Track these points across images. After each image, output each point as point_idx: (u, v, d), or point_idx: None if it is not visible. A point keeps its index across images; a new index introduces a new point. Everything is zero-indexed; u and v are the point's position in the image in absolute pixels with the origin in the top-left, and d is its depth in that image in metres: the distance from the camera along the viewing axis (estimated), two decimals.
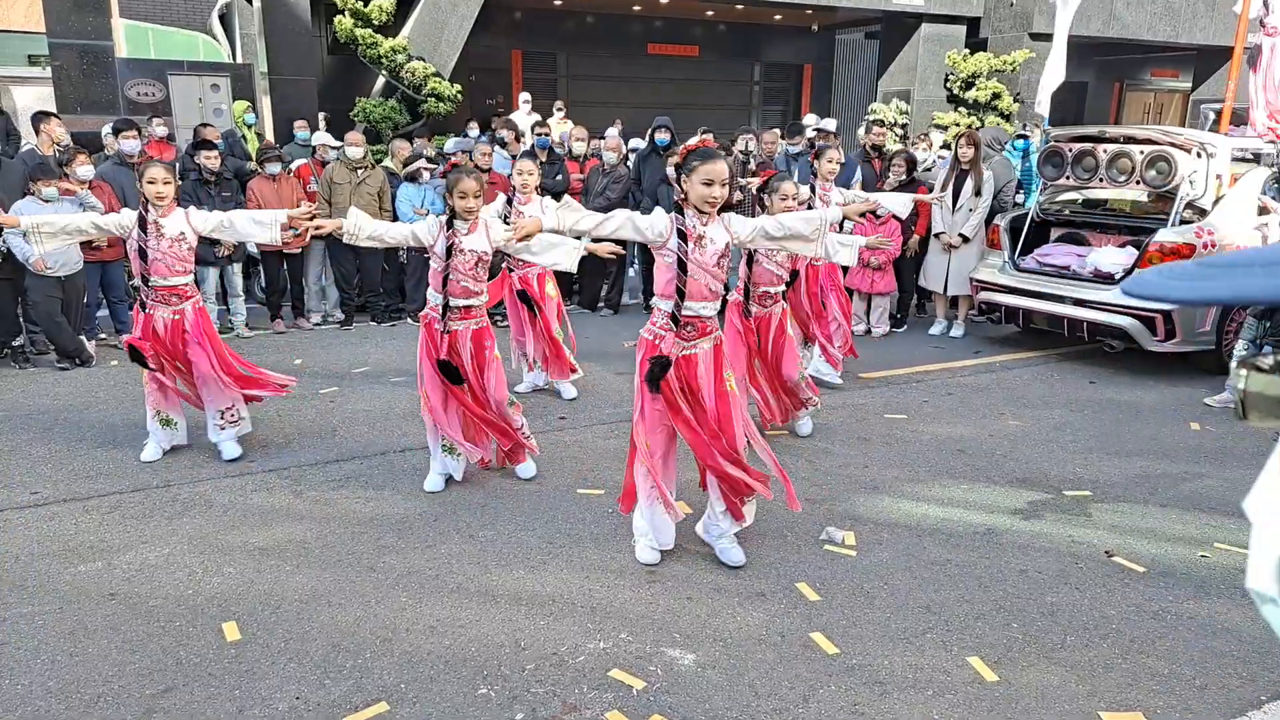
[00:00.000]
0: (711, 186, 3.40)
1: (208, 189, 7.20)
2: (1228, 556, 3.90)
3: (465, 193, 4.18)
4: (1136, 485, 4.69)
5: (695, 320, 3.54)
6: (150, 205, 4.51)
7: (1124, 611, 3.44)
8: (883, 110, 16.07)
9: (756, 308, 4.92)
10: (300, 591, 3.49)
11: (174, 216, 4.57)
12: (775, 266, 4.88)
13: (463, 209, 4.20)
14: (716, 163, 3.41)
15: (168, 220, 4.54)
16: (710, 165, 3.40)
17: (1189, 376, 6.63)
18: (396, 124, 12.51)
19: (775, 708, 2.82)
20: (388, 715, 2.77)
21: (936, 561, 3.82)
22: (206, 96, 11.52)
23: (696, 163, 3.41)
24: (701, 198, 3.42)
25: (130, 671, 2.96)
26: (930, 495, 4.52)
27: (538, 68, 18.71)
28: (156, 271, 4.56)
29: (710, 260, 3.50)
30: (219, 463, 4.81)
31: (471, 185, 4.19)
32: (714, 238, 3.51)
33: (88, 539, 3.92)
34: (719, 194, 3.42)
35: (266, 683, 2.92)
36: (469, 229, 4.25)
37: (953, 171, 7.73)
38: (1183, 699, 2.91)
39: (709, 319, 3.58)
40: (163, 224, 4.52)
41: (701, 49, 19.75)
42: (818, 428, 5.49)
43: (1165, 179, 6.76)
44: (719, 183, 3.40)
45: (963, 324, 8.07)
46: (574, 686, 2.92)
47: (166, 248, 4.54)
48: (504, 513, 4.25)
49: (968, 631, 3.28)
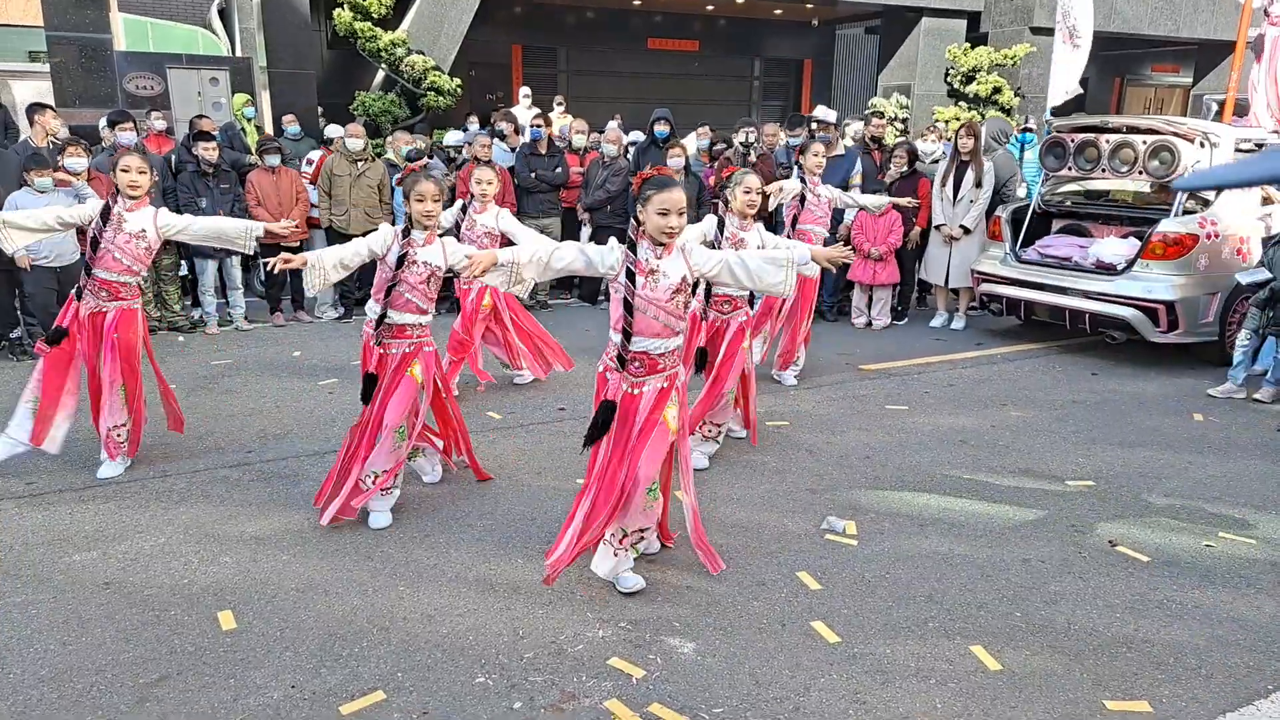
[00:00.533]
0: (668, 216, 3.18)
1: (205, 181, 7.16)
2: (1232, 546, 3.86)
3: (423, 195, 3.87)
4: (1140, 475, 4.66)
5: (643, 357, 3.29)
6: (120, 195, 4.30)
7: (1128, 601, 3.41)
8: (883, 105, 16.02)
9: (714, 313, 4.67)
10: (297, 581, 3.46)
11: (142, 213, 4.34)
12: None
13: (420, 213, 3.89)
14: (672, 191, 3.19)
15: (133, 215, 4.32)
16: (665, 194, 3.17)
17: (1192, 368, 6.59)
18: (396, 118, 12.47)
19: (776, 696, 2.79)
20: (385, 704, 2.74)
21: (938, 551, 3.79)
22: (205, 90, 11.47)
23: (651, 191, 3.19)
24: (658, 228, 3.19)
25: (124, 660, 2.93)
26: (932, 485, 4.48)
27: (538, 62, 18.65)
28: (103, 263, 4.30)
29: (663, 295, 3.24)
30: (215, 452, 4.78)
31: (430, 188, 3.90)
32: (668, 271, 3.25)
33: (83, 528, 3.89)
34: (676, 224, 3.20)
35: (262, 671, 2.89)
36: (425, 240, 3.94)
37: (953, 163, 7.70)
38: (1188, 688, 2.88)
39: (661, 356, 3.30)
40: (126, 217, 4.30)
41: (701, 44, 19.69)
42: (820, 418, 5.47)
43: (1168, 169, 6.71)
44: (675, 212, 3.18)
45: (964, 316, 8.04)
46: (573, 675, 2.89)
47: (123, 242, 4.29)
48: (503, 503, 4.22)
49: (970, 620, 3.25)
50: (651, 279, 3.23)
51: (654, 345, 3.28)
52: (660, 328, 3.28)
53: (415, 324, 3.99)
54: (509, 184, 7.87)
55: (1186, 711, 2.76)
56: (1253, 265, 6.38)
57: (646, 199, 3.20)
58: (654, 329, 3.27)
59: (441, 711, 2.70)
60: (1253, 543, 3.89)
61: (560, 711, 2.71)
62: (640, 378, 3.31)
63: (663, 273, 3.25)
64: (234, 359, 6.70)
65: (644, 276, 3.23)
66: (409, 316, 3.96)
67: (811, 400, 5.84)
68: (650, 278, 3.23)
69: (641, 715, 2.69)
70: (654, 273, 3.23)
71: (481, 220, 5.57)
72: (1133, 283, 6.47)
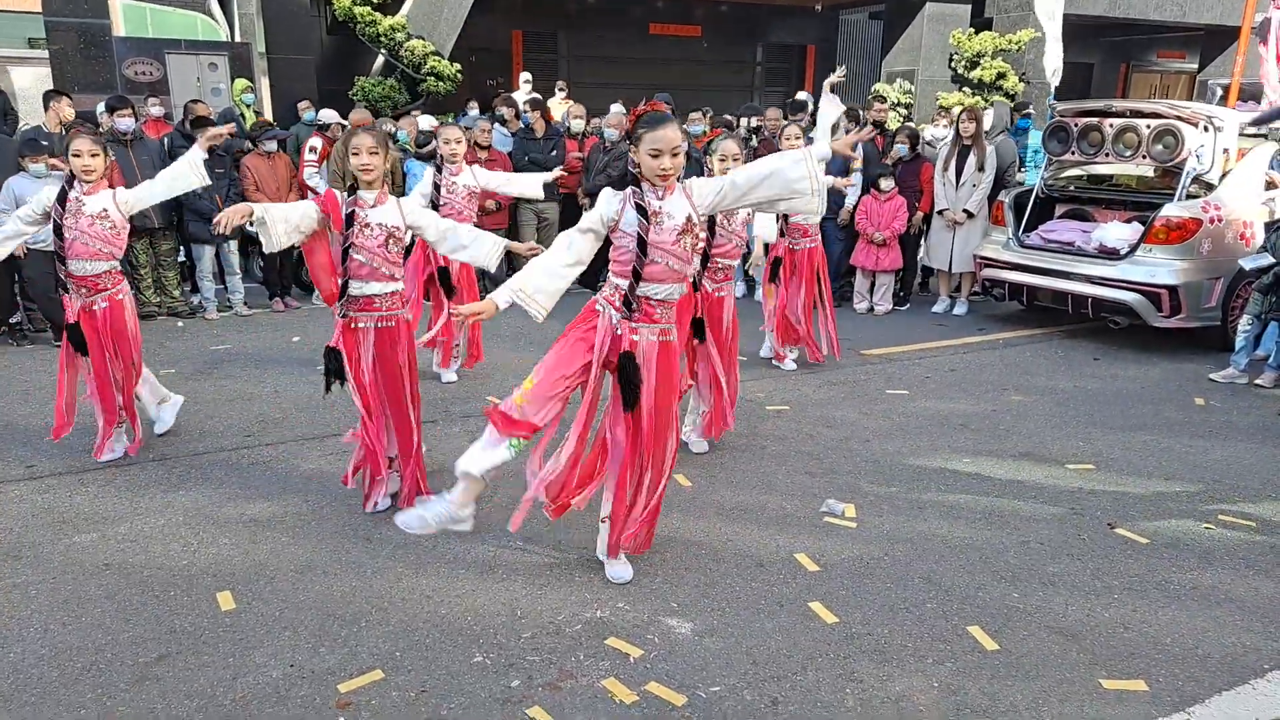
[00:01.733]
0: (660, 158, 2.98)
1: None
2: (1231, 529, 3.86)
3: (359, 149, 3.57)
4: (1140, 458, 4.65)
5: (643, 302, 3.12)
6: (76, 180, 4.14)
7: (1126, 582, 3.41)
8: (887, 91, 15.94)
9: (709, 282, 4.50)
10: (296, 562, 3.47)
11: (101, 195, 4.18)
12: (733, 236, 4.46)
13: (357, 167, 3.58)
14: (664, 128, 2.97)
15: (91, 198, 4.15)
16: (656, 133, 2.97)
17: (1194, 353, 6.57)
18: (396, 103, 12.43)
19: (773, 675, 2.80)
20: (383, 683, 2.75)
21: (937, 533, 3.79)
22: (204, 75, 11.43)
23: (642, 130, 3.00)
24: (651, 170, 3.01)
25: (124, 640, 2.94)
26: (932, 468, 4.48)
27: (538, 48, 18.55)
28: (74, 253, 4.16)
29: (669, 238, 3.06)
30: (215, 436, 4.78)
31: (366, 140, 3.59)
32: (672, 212, 3.06)
33: (83, 511, 3.89)
34: (669, 165, 2.99)
35: (261, 651, 2.89)
36: (376, 200, 3.66)
37: (955, 148, 7.66)
38: (1185, 668, 2.88)
39: (659, 304, 3.14)
40: (85, 200, 4.14)
41: (703, 29, 19.58)
42: (820, 403, 5.46)
43: (1172, 153, 6.68)
44: (668, 152, 2.97)
45: (966, 302, 8.02)
46: (570, 654, 2.89)
47: (86, 225, 4.13)
48: (502, 485, 4.20)
49: (968, 601, 3.25)
50: (655, 221, 3.05)
51: (658, 291, 3.11)
52: (667, 271, 3.10)
53: (382, 294, 3.72)
54: (509, 169, 7.84)
55: (1183, 690, 2.76)
56: (1255, 250, 6.35)
57: (638, 139, 3.01)
58: (659, 273, 3.09)
59: (439, 690, 2.71)
60: (1251, 525, 3.89)
61: (558, 690, 2.72)
62: (637, 323, 3.14)
63: (666, 214, 3.06)
64: (233, 344, 6.70)
65: (652, 218, 3.05)
66: (375, 286, 3.69)
67: (812, 385, 5.84)
68: (654, 220, 3.05)
69: (639, 694, 2.70)
70: (657, 214, 3.05)
71: (461, 181, 5.55)
72: (1135, 267, 6.44)
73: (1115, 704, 2.69)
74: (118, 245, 4.28)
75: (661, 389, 3.21)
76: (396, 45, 12.43)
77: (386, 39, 12.39)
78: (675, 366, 3.29)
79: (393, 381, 3.80)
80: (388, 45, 12.47)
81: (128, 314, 4.37)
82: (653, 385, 3.19)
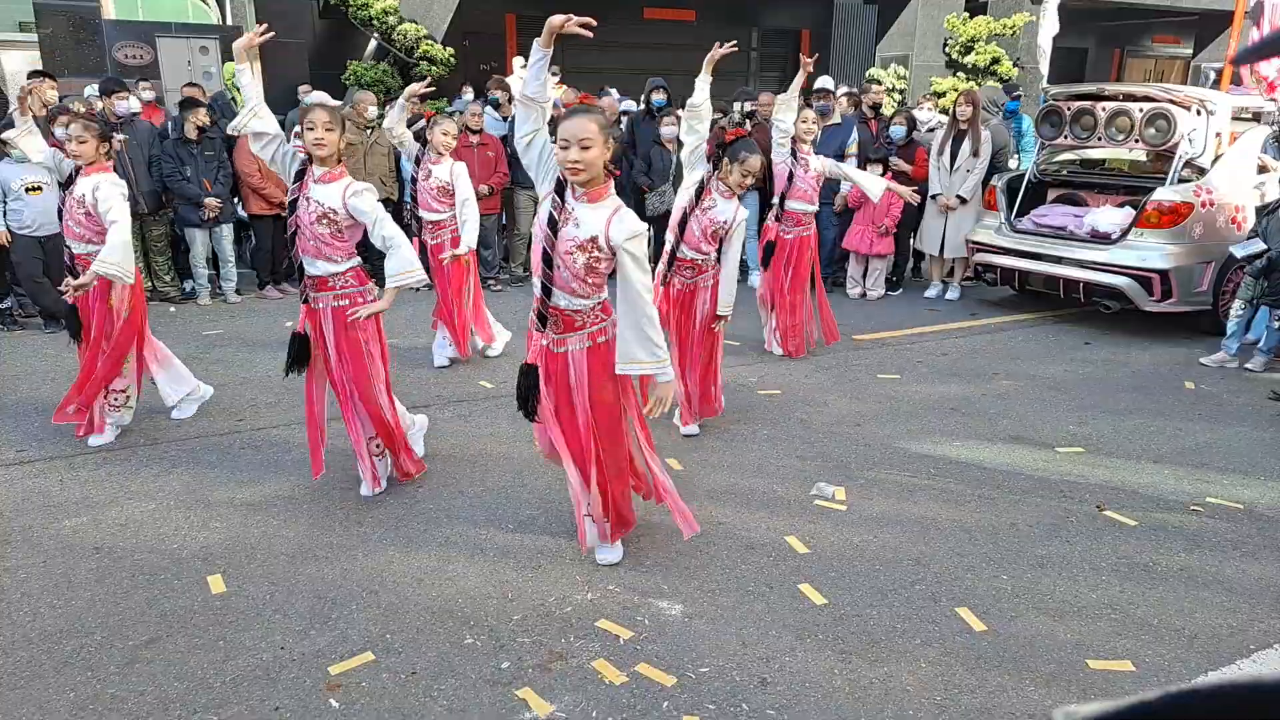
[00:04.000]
0: (568, 150, 2.77)
1: (189, 149, 7.08)
2: (1219, 511, 3.88)
3: (314, 123, 3.45)
4: (1130, 442, 4.67)
5: (558, 313, 2.99)
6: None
7: (1114, 564, 3.42)
8: (881, 75, 15.88)
9: (679, 279, 4.44)
10: (287, 545, 3.47)
11: (90, 178, 4.18)
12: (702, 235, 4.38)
13: (310, 142, 3.47)
14: (574, 119, 2.78)
15: (82, 180, 4.20)
16: (565, 123, 2.78)
17: (1184, 337, 6.59)
18: (388, 88, 12.34)
19: (762, 656, 2.81)
20: (373, 664, 2.76)
21: (927, 516, 3.80)
22: (195, 59, 11.34)
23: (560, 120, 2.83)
24: (560, 162, 2.83)
25: (114, 623, 2.95)
26: (922, 452, 4.49)
27: (532, 32, 18.36)
28: (67, 233, 4.29)
29: (563, 245, 2.88)
30: (206, 420, 4.77)
31: (320, 115, 3.46)
32: (582, 221, 2.87)
33: (74, 495, 3.89)
34: (575, 158, 2.77)
35: (251, 633, 2.90)
36: (323, 176, 3.54)
37: (950, 132, 7.64)
38: (1172, 648, 2.90)
39: (576, 313, 3.00)
40: (78, 181, 4.21)
41: (699, 14, 19.46)
42: (812, 387, 5.47)
43: (1164, 137, 6.67)
44: (576, 144, 2.76)
45: (958, 287, 8.02)
46: (561, 636, 2.90)
47: (72, 208, 4.22)
48: (494, 469, 4.22)
49: (957, 583, 3.27)
50: (562, 220, 2.89)
51: (564, 302, 2.98)
52: (562, 282, 2.94)
53: (331, 274, 3.63)
54: (501, 154, 7.80)
55: (1169, 670, 2.78)
56: (1246, 235, 6.35)
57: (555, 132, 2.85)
58: (565, 285, 2.95)
59: (430, 672, 2.72)
60: (1239, 507, 3.91)
61: (548, 671, 2.73)
62: (561, 334, 3.03)
63: (575, 220, 2.88)
64: (225, 329, 6.68)
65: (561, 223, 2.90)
66: (320, 266, 3.61)
67: (804, 370, 5.84)
68: (561, 218, 2.90)
69: (629, 675, 2.71)
70: (566, 216, 2.89)
71: (437, 171, 5.51)
72: (1127, 251, 6.45)
73: (1102, 684, 2.71)
74: (93, 230, 4.25)
75: (598, 391, 3.09)
76: (389, 29, 12.34)
77: (379, 23, 12.30)
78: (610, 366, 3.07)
79: (356, 361, 3.74)
80: (380, 29, 12.37)
81: (113, 296, 4.35)
82: (585, 389, 3.09)
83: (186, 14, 13.79)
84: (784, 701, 2.60)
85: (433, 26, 12.82)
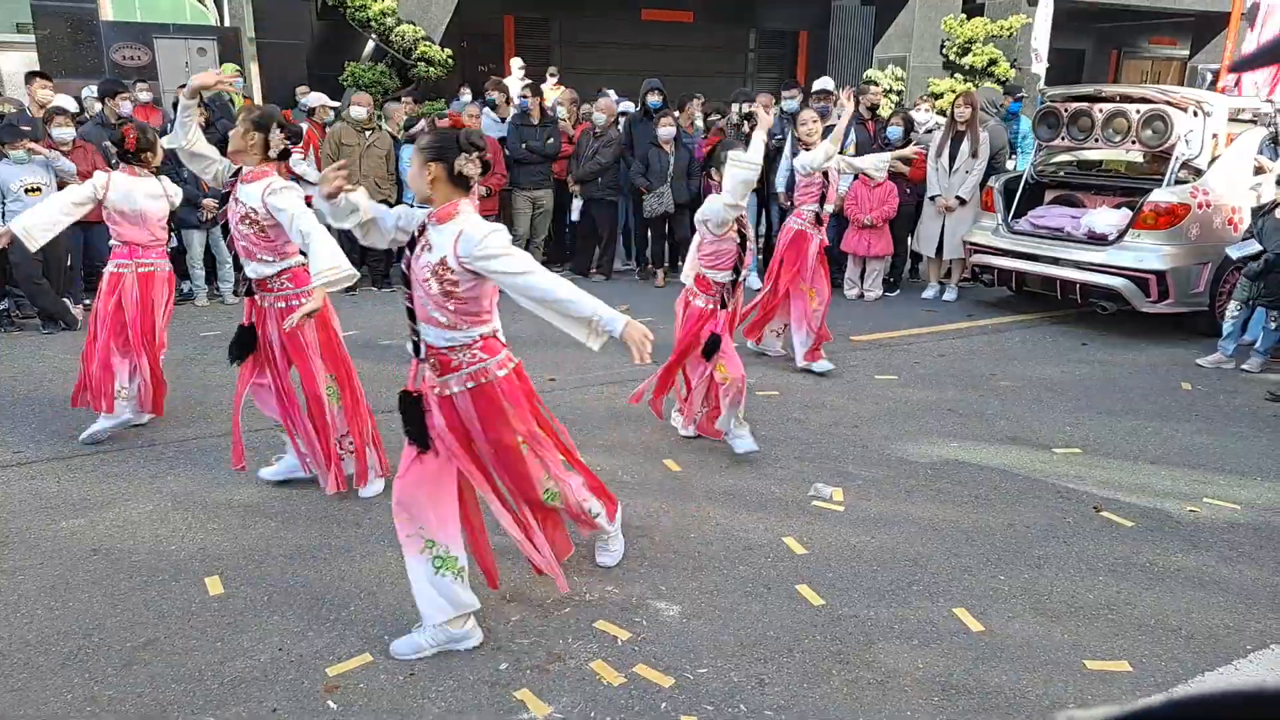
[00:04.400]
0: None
1: None
2: (1216, 511, 3.89)
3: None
4: (1126, 443, 4.68)
5: (432, 351, 2.70)
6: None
7: (1111, 564, 3.43)
8: (879, 77, 15.90)
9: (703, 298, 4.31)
10: (285, 547, 3.47)
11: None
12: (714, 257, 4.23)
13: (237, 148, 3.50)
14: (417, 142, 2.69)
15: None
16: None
17: (1181, 338, 6.60)
18: (386, 89, 12.34)
19: (760, 657, 2.81)
20: (371, 666, 2.76)
21: (924, 517, 3.81)
22: (193, 60, 11.35)
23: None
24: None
25: (111, 625, 2.94)
26: (919, 453, 4.50)
27: (531, 33, 18.45)
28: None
29: (420, 273, 2.62)
30: (203, 422, 4.77)
31: (240, 117, 3.45)
32: (433, 244, 2.61)
33: (71, 496, 3.89)
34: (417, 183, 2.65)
35: (249, 635, 2.90)
36: (248, 175, 3.50)
37: (949, 133, 7.65)
38: (1169, 648, 2.91)
39: (449, 350, 2.68)
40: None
41: (696, 15, 19.48)
42: (809, 388, 5.47)
43: (1161, 138, 6.69)
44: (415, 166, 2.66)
45: (955, 288, 8.03)
46: (559, 637, 2.91)
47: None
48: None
49: (954, 584, 3.27)
50: (421, 252, 2.66)
51: (432, 335, 2.69)
52: (424, 313, 2.66)
53: (265, 276, 3.59)
54: (499, 155, 7.81)
55: (1166, 670, 2.79)
56: (1242, 236, 6.36)
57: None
58: (425, 315, 2.67)
59: (427, 673, 2.72)
60: (1236, 508, 3.92)
61: (546, 672, 2.73)
62: (441, 376, 2.72)
63: (428, 245, 2.64)
64: (222, 330, 6.66)
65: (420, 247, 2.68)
66: (253, 267, 3.59)
67: (801, 371, 5.84)
68: (420, 243, 2.68)
69: (627, 675, 2.71)
70: (425, 245, 2.66)
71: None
72: (1124, 253, 6.46)
73: (1099, 685, 2.72)
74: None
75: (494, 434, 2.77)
76: (387, 30, 12.34)
77: (377, 24, 12.29)
78: (501, 408, 2.75)
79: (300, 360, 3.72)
80: (378, 30, 12.37)
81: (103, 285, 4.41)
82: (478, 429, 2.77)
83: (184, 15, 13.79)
84: (782, 702, 2.61)
85: (431, 28, 12.82)
